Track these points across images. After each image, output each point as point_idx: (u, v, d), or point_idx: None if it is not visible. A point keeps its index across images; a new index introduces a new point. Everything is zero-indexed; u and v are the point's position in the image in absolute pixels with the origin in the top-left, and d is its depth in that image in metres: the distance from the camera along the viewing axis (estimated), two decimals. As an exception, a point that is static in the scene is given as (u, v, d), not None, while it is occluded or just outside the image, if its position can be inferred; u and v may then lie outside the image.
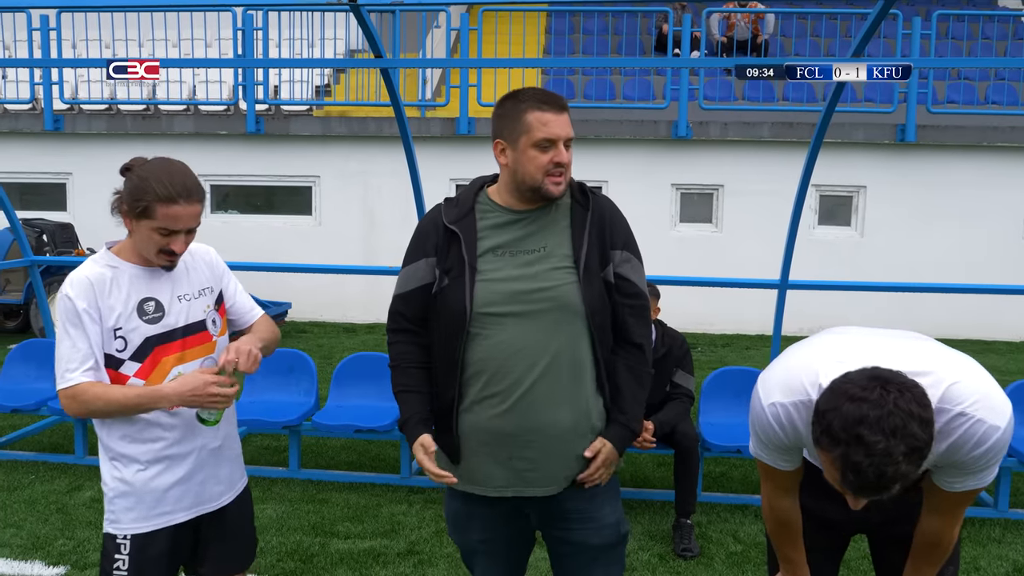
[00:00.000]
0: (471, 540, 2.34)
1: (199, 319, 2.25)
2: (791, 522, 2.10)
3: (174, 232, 2.13)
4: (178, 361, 2.19)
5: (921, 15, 10.17)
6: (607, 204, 2.25)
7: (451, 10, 10.60)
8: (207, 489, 2.29)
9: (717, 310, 9.77)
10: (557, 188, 2.13)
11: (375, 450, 5.51)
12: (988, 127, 9.94)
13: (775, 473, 2.03)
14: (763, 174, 10.02)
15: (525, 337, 2.09)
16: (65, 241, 9.50)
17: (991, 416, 1.72)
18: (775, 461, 2.00)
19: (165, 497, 2.21)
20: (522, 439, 2.12)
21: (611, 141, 10.18)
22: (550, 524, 2.26)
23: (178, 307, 2.21)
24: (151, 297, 2.18)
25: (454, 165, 10.14)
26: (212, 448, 2.28)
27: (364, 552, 3.95)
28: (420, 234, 2.25)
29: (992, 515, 4.46)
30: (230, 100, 10.75)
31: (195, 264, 2.32)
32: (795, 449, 1.95)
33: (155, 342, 2.16)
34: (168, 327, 2.18)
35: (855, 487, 1.59)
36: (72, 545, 4.01)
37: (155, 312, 2.17)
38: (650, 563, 3.89)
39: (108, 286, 2.14)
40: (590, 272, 2.14)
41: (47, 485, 4.78)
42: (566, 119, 2.14)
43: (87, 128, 10.80)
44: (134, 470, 2.20)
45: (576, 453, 2.17)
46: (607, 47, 11.20)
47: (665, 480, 4.89)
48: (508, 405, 2.10)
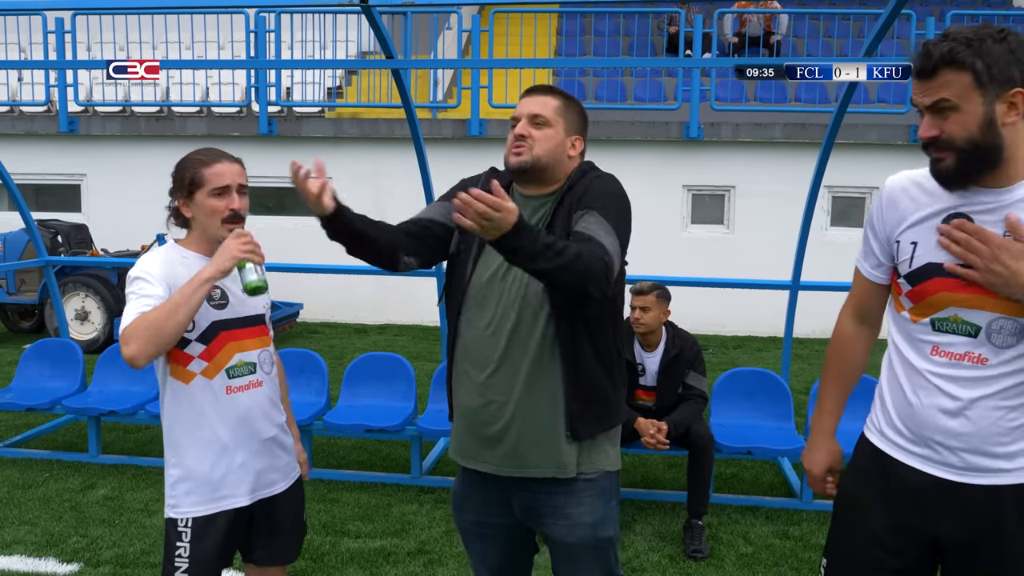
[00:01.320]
0: (467, 520, 2.39)
1: (259, 312, 2.37)
2: (845, 353, 2.07)
3: (226, 191, 2.24)
4: (240, 348, 2.29)
5: (935, 15, 10.12)
6: (593, 180, 2.20)
7: (462, 11, 10.61)
8: (264, 476, 2.37)
9: (729, 311, 9.74)
10: (514, 158, 2.21)
11: (386, 450, 5.52)
12: (1002, 128, 9.87)
13: (856, 281, 2.02)
14: (775, 175, 9.99)
15: (494, 318, 2.16)
16: (79, 242, 9.58)
17: None
18: (865, 255, 1.98)
19: (224, 482, 2.30)
20: (485, 415, 2.19)
21: (622, 142, 10.17)
22: (528, 516, 2.27)
23: (240, 297, 2.31)
24: (216, 285, 2.25)
25: (465, 166, 10.05)
26: (267, 437, 2.36)
27: (374, 551, 3.97)
28: (461, 185, 2.36)
29: None
30: (243, 102, 10.81)
31: None
32: (879, 240, 1.92)
33: (220, 327, 2.27)
34: (232, 314, 2.30)
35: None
36: (85, 543, 4.05)
37: (220, 299, 2.28)
38: (660, 564, 3.88)
39: (179, 271, 2.23)
40: None
41: (61, 483, 4.82)
42: (536, 99, 2.24)
43: (101, 130, 10.89)
44: (192, 457, 2.29)
45: (541, 440, 2.15)
46: (618, 48, 11.19)
47: (675, 481, 4.88)
48: (478, 383, 2.19)
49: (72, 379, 5.37)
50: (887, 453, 1.92)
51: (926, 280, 1.80)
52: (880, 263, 1.95)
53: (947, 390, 1.78)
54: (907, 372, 1.85)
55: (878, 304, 2.01)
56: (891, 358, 1.93)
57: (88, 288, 8.81)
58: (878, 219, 1.92)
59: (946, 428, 1.79)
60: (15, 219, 9.11)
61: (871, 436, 1.99)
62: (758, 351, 9.29)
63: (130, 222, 10.51)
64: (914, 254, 1.82)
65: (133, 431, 5.85)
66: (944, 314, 1.78)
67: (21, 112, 11.12)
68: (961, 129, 1.69)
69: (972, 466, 1.79)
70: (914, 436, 1.85)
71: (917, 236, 1.82)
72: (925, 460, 1.85)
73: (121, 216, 10.72)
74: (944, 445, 1.81)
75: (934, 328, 1.80)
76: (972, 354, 1.76)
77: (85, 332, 8.83)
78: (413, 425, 4.85)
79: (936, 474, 1.83)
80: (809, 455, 2.12)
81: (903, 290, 1.87)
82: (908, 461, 1.87)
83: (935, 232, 1.78)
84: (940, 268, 1.77)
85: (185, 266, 2.24)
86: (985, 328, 1.75)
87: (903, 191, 1.88)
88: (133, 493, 4.70)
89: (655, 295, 4.24)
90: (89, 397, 5.22)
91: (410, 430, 4.84)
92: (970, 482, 1.79)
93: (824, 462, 2.09)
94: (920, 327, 1.83)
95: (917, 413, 1.83)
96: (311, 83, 10.93)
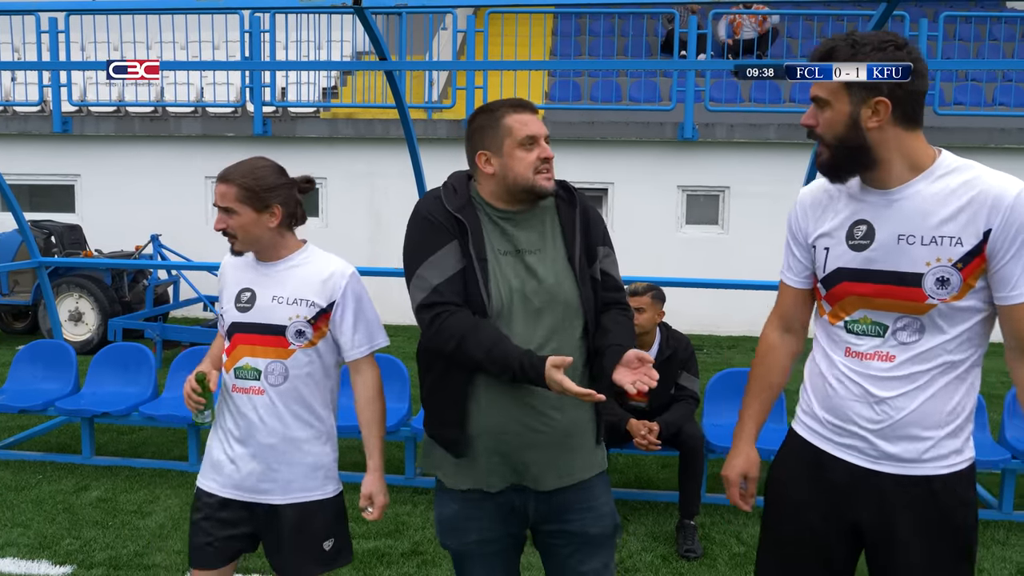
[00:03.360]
0: (468, 543, 2.29)
1: (280, 324, 2.33)
2: (770, 363, 2.15)
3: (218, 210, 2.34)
4: (249, 353, 2.34)
5: (928, 16, 10.14)
6: (588, 201, 2.32)
7: (457, 12, 10.62)
8: (253, 482, 2.37)
9: (723, 312, 9.76)
10: (549, 183, 2.16)
11: (380, 451, 5.52)
12: (996, 129, 9.91)
13: (781, 293, 2.13)
14: (769, 175, 10.01)
15: (530, 334, 2.10)
16: (73, 243, 9.56)
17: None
18: (787, 264, 2.09)
19: (215, 465, 2.41)
20: (526, 436, 2.13)
21: (617, 143, 10.19)
22: (548, 517, 2.26)
23: (268, 305, 2.34)
24: (250, 288, 2.37)
25: (460, 167, 10.10)
26: (265, 443, 2.35)
27: (368, 552, 3.97)
28: (431, 217, 2.17)
29: (996, 517, 4.45)
30: (237, 102, 10.80)
31: (310, 274, 2.37)
32: (801, 247, 2.03)
33: (236, 329, 2.37)
34: (251, 319, 2.34)
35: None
36: (79, 544, 4.04)
37: (247, 303, 2.36)
38: (653, 564, 3.89)
39: (230, 272, 2.44)
40: (583, 269, 2.20)
41: (54, 485, 4.81)
42: (539, 119, 2.23)
43: (95, 130, 10.87)
44: (212, 435, 2.47)
45: (576, 449, 2.20)
46: (613, 49, 11.21)
47: (668, 481, 4.89)
48: (513, 402, 2.11)
49: (65, 380, 5.36)
50: (812, 443, 2.03)
51: (837, 284, 1.92)
52: (805, 268, 2.05)
53: (863, 385, 1.90)
54: (829, 368, 1.97)
55: (803, 313, 2.11)
56: (815, 356, 2.05)
57: (82, 289, 8.79)
58: (796, 228, 2.05)
59: (861, 419, 1.91)
60: (8, 220, 9.10)
61: (797, 428, 2.09)
62: (752, 351, 9.28)
63: (124, 223, 10.50)
64: (826, 259, 1.94)
65: (127, 432, 5.84)
66: (855, 316, 1.91)
67: (14, 112, 11.09)
68: (829, 125, 1.85)
69: (886, 455, 1.90)
70: (835, 427, 1.97)
71: (828, 243, 1.95)
72: (845, 449, 1.96)
73: (115, 217, 10.71)
74: (860, 436, 1.92)
75: (847, 330, 1.92)
76: (881, 352, 1.88)
77: (79, 333, 8.81)
78: (407, 426, 4.86)
79: (854, 462, 1.95)
80: (727, 462, 2.18)
81: (822, 294, 1.99)
82: (830, 450, 1.99)
83: (844, 239, 1.91)
84: (847, 272, 1.90)
85: (238, 268, 2.44)
86: (891, 327, 1.86)
87: (813, 200, 2.01)
88: (127, 495, 4.69)
89: (650, 296, 4.24)
90: (82, 398, 5.21)
91: (404, 431, 4.84)
92: (884, 471, 1.91)
93: (740, 467, 2.14)
94: (837, 329, 1.95)
95: (837, 405, 1.95)
96: (306, 83, 10.92)
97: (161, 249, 8.80)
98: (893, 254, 1.82)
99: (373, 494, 2.41)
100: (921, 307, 1.81)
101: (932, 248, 1.78)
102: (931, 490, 1.87)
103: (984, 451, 4.37)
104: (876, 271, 1.85)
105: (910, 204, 1.82)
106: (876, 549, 1.95)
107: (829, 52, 1.83)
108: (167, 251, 8.87)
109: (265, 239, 2.34)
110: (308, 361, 2.36)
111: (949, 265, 1.78)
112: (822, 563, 2.02)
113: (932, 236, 1.79)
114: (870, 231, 1.86)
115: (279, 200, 2.33)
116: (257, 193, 2.29)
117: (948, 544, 1.88)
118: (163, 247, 8.83)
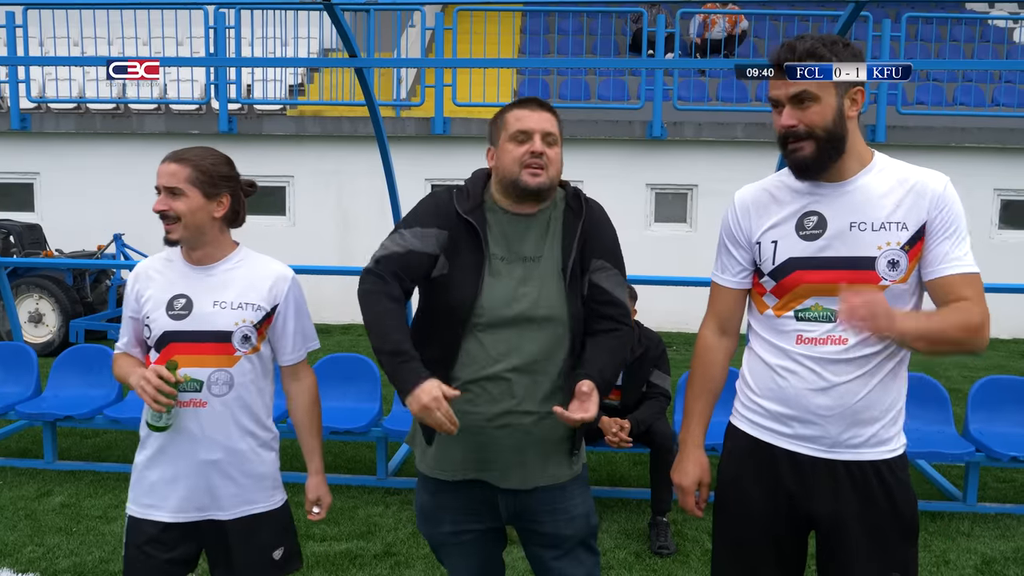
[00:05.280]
0: (441, 532, 2.33)
1: (225, 330, 2.22)
2: (709, 365, 2.17)
3: (160, 191, 2.21)
4: (189, 363, 2.19)
5: (891, 17, 10.31)
6: (597, 212, 2.27)
7: (426, 9, 10.57)
8: (197, 499, 2.25)
9: (692, 309, 9.74)
10: (533, 179, 2.12)
11: (351, 451, 5.48)
12: (956, 128, 10.11)
13: (715, 295, 2.17)
14: (737, 174, 10.01)
15: (512, 341, 2.12)
16: (33, 242, 9.35)
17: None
18: (721, 265, 2.14)
19: (153, 489, 2.26)
20: (493, 436, 2.15)
21: (586, 141, 10.21)
22: (521, 516, 2.28)
23: (208, 311, 2.22)
24: (184, 295, 2.23)
25: (429, 165, 10.11)
26: (209, 458, 2.23)
27: (340, 554, 3.93)
28: (437, 207, 2.19)
29: (960, 509, 4.53)
30: (202, 99, 10.64)
31: (252, 277, 2.28)
32: (741, 247, 2.08)
33: (171, 338, 2.21)
34: (189, 327, 2.21)
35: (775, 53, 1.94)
36: (41, 552, 3.95)
37: (182, 309, 2.22)
38: (627, 561, 3.90)
39: (151, 278, 2.28)
40: (573, 282, 2.17)
41: (15, 491, 4.70)
42: (546, 116, 2.16)
43: (55, 127, 10.64)
44: (139, 449, 2.31)
45: (547, 455, 2.22)
46: (582, 47, 11.23)
47: (640, 478, 4.91)
48: (486, 401, 2.13)
49: (26, 383, 5.23)
50: (761, 439, 2.06)
51: (788, 274, 1.98)
52: (743, 268, 2.10)
53: (815, 370, 1.95)
54: (777, 359, 2.01)
55: (739, 314, 2.16)
56: (755, 350, 2.09)
57: (42, 290, 8.61)
58: (736, 229, 2.10)
59: (815, 406, 1.95)
60: (-35, 219, 8.87)
61: (741, 424, 2.12)
62: (721, 348, 9.38)
63: (85, 222, 10.28)
64: (776, 252, 2.00)
65: (90, 436, 5.72)
66: (806, 304, 1.97)
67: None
68: (820, 118, 1.90)
69: (839, 442, 1.96)
70: (787, 417, 2.00)
71: (777, 236, 2.01)
72: (796, 441, 2.00)
73: (76, 216, 10.49)
74: (813, 424, 1.97)
75: (797, 319, 1.98)
76: (834, 336, 1.93)
77: (39, 335, 8.62)
78: (379, 426, 4.82)
79: (806, 452, 1.99)
80: (679, 467, 2.18)
81: (767, 288, 2.03)
82: (782, 444, 2.02)
83: (794, 231, 1.98)
84: (799, 260, 1.96)
85: (162, 273, 2.28)
86: None
87: (754, 200, 2.09)
88: (91, 500, 4.59)
89: (620, 294, 4.25)
90: (44, 402, 5.09)
91: (375, 432, 4.80)
92: (837, 459, 1.96)
93: (694, 474, 2.15)
94: (784, 320, 2.00)
95: (787, 396, 1.99)
96: (272, 80, 10.79)
97: (124, 248, 8.64)
98: (846, 241, 1.92)
99: (321, 496, 2.41)
100: (875, 289, 1.90)
101: (882, 233, 1.91)
102: (879, 475, 1.96)
103: (949, 444, 4.45)
104: (829, 258, 1.93)
105: (860, 194, 1.94)
106: (827, 537, 2.02)
107: (812, 51, 1.90)
108: (130, 250, 8.71)
109: (207, 231, 2.22)
110: (251, 368, 2.27)
111: (898, 248, 1.90)
112: (777, 559, 2.07)
113: (882, 222, 1.91)
114: (821, 221, 1.95)
115: (228, 191, 2.24)
116: (210, 178, 2.20)
117: (896, 526, 1.96)
118: (126, 247, 8.67)
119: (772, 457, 2.03)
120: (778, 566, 2.08)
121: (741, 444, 2.10)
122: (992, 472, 5.06)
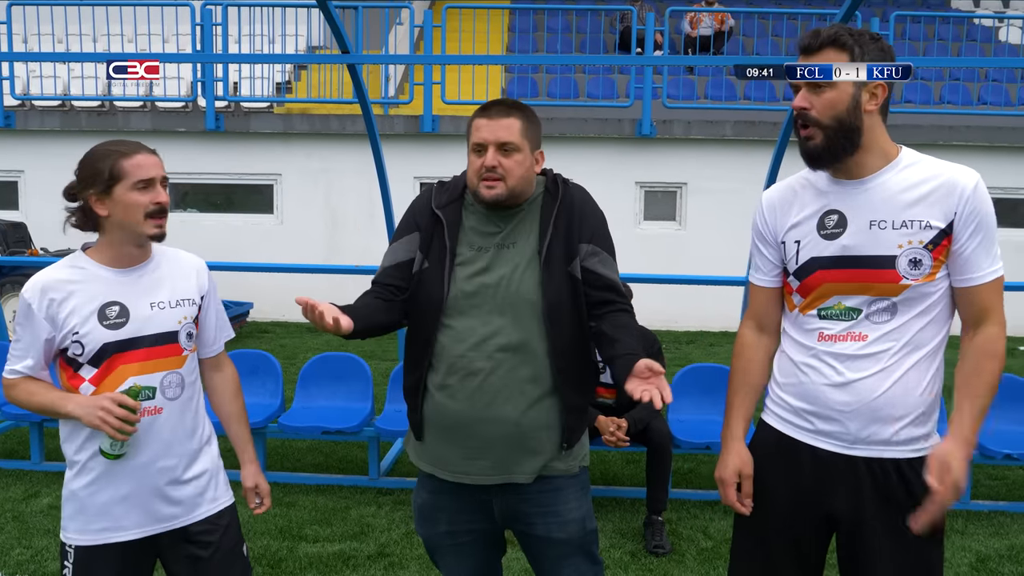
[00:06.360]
0: (437, 533, 2.32)
1: (170, 330, 2.13)
2: (750, 362, 2.15)
3: (150, 184, 2.07)
4: (139, 371, 2.08)
5: (878, 15, 10.36)
6: (578, 195, 2.24)
7: (414, 6, 10.53)
8: (158, 509, 2.14)
9: (681, 307, 9.85)
10: (488, 191, 2.11)
11: (342, 451, 5.44)
12: (943, 126, 10.18)
13: (752, 294, 2.16)
14: (726, 172, 10.13)
15: (485, 329, 2.10)
16: (17, 241, 9.25)
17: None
18: (755, 265, 2.13)
19: (109, 512, 2.10)
20: (476, 428, 2.13)
21: (575, 139, 10.21)
22: (514, 518, 2.25)
23: (147, 314, 2.11)
24: (116, 302, 2.08)
25: (418, 163, 10.07)
26: (165, 465, 2.13)
27: (333, 555, 3.90)
28: (413, 211, 2.27)
29: (955, 507, 4.51)
30: (188, 96, 10.56)
31: (179, 272, 2.21)
32: (770, 246, 2.08)
33: (113, 349, 2.06)
34: (131, 334, 2.07)
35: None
36: (29, 554, 3.89)
37: (117, 317, 2.07)
38: (622, 560, 3.89)
39: (66, 290, 2.07)
40: (551, 265, 2.14)
41: (2, 493, 4.63)
42: (504, 124, 2.12)
43: (40, 124, 10.52)
44: (73, 474, 2.13)
45: (534, 452, 2.16)
46: (571, 45, 11.22)
47: (635, 478, 4.90)
48: (465, 394, 2.12)
49: (12, 384, 5.16)
50: (786, 434, 2.05)
51: (811, 274, 1.97)
52: (775, 267, 2.10)
53: (834, 366, 1.95)
54: (800, 355, 2.02)
55: (775, 312, 2.14)
56: (784, 348, 2.10)
57: (27, 289, 8.51)
58: (764, 228, 2.10)
59: (834, 402, 1.95)
60: (-52, 217, 8.76)
61: (768, 419, 2.12)
62: (711, 346, 9.41)
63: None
64: (798, 252, 2.00)
65: (78, 437, 5.65)
66: (829, 303, 1.96)
67: (-47, 106, 10.69)
68: (831, 106, 1.88)
69: (859, 439, 1.94)
70: (809, 414, 2.00)
71: (799, 235, 2.00)
72: (819, 436, 1.99)
73: (61, 214, 10.34)
74: (833, 420, 1.96)
75: (820, 316, 1.97)
76: (854, 332, 1.93)
77: (24, 334, 8.53)
78: (371, 426, 4.79)
79: (828, 448, 1.98)
80: (719, 463, 2.16)
81: (793, 287, 2.03)
82: (805, 439, 2.01)
83: (815, 230, 1.97)
84: (821, 260, 1.95)
85: (78, 284, 2.08)
86: (865, 310, 1.92)
87: (780, 198, 2.07)
88: (79, 501, 4.54)
89: (614, 292, 4.24)
90: (31, 402, 5.02)
91: (368, 431, 4.77)
92: (858, 455, 1.95)
93: (735, 465, 2.12)
94: (808, 318, 2.00)
95: (808, 392, 1.99)
96: (259, 78, 10.72)
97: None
98: (866, 240, 1.89)
99: (259, 483, 2.34)
100: (895, 288, 1.88)
101: (903, 232, 1.87)
102: (900, 473, 1.92)
103: (941, 442, 4.46)
104: (850, 257, 1.91)
105: (880, 192, 1.90)
106: (849, 536, 1.98)
107: (835, 37, 1.87)
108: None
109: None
110: (194, 365, 2.21)
111: (920, 247, 1.86)
112: (796, 556, 2.04)
113: (903, 220, 1.88)
114: (842, 220, 1.93)
115: None
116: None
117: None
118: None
119: (796, 451, 2.02)
120: (798, 562, 2.05)
121: (767, 437, 2.10)
122: (985, 470, 5.09)
